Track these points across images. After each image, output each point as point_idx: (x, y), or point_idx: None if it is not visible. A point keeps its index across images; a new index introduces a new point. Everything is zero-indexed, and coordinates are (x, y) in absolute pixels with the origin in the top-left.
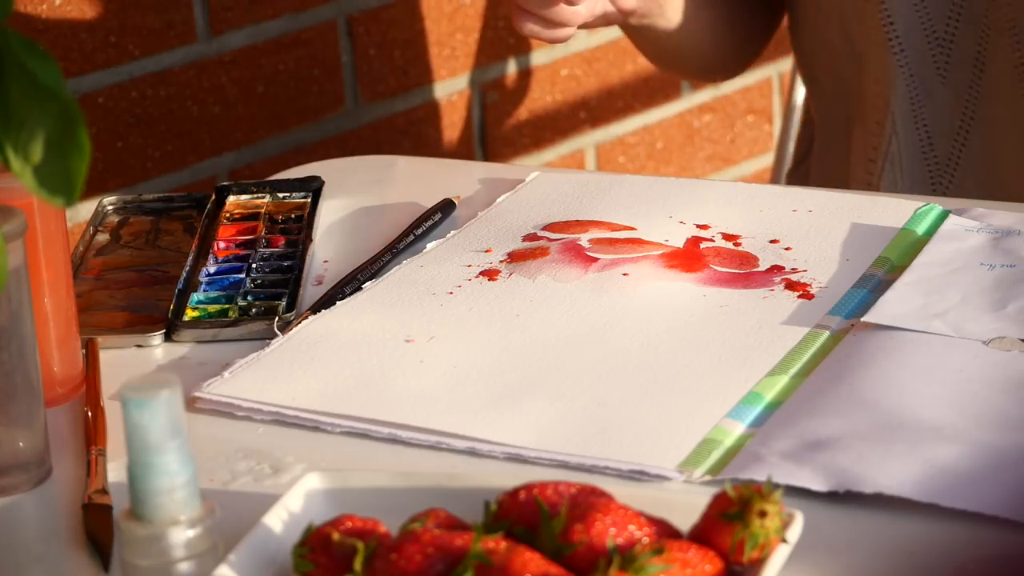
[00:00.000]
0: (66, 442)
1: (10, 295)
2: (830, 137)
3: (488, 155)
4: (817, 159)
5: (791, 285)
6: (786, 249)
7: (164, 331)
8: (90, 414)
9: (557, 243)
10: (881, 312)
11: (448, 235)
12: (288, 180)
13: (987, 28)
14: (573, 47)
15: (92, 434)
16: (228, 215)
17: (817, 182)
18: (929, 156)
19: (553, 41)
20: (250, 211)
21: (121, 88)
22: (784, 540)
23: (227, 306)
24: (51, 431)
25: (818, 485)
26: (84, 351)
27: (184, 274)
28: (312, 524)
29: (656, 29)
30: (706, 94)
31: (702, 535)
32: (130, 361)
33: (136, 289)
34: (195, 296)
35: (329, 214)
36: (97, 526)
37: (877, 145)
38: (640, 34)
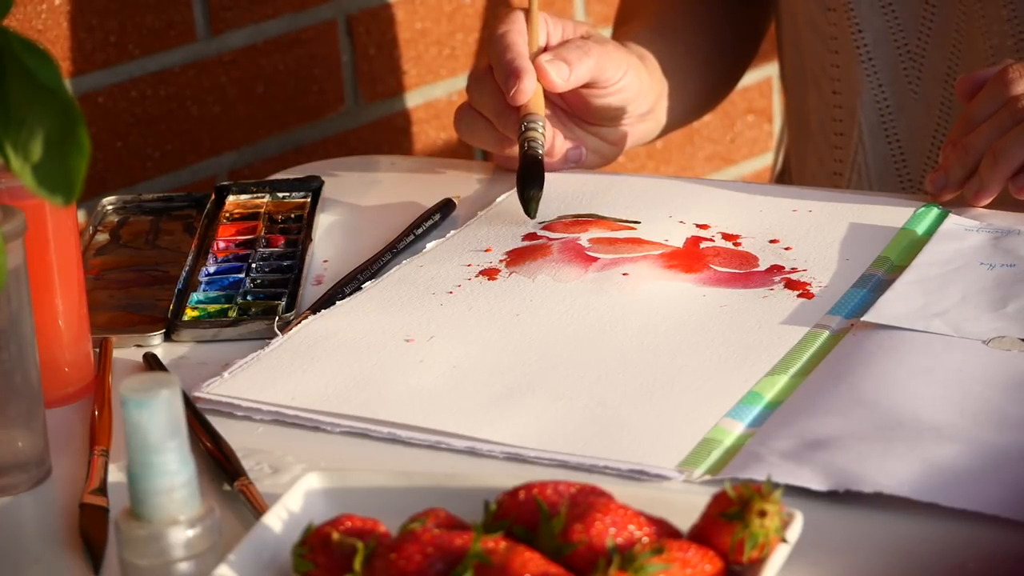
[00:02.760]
0: (73, 441)
1: (10, 295)
2: (799, 144)
3: (488, 155)
4: (795, 168)
5: (791, 284)
6: (786, 249)
7: (164, 331)
8: (97, 413)
9: (557, 242)
10: (881, 312)
11: (448, 235)
12: (288, 180)
13: (959, 44)
14: None
15: (96, 434)
16: (228, 215)
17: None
18: (902, 171)
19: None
20: (250, 211)
21: (121, 88)
22: (784, 540)
23: (227, 306)
24: (60, 430)
25: (818, 484)
26: (97, 350)
27: (184, 274)
28: (312, 524)
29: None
30: None
31: (702, 535)
32: (130, 361)
33: (136, 289)
34: (195, 296)
35: (329, 214)
36: (91, 527)
37: (843, 158)
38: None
